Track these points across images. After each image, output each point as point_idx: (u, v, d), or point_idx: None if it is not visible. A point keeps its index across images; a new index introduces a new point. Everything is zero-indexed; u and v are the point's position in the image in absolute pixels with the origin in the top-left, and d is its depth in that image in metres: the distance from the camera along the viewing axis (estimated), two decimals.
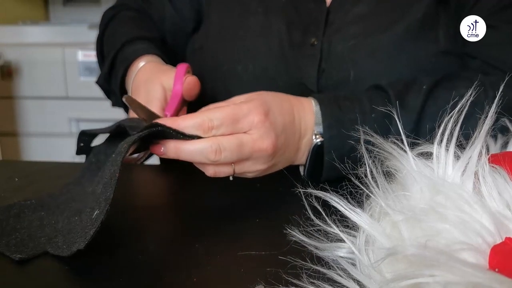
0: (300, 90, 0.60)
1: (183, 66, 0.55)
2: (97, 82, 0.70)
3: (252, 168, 0.47)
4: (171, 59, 0.75)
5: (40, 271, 0.37)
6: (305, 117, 0.51)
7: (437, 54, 0.60)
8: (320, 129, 0.52)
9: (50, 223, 0.43)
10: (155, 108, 0.52)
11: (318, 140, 0.52)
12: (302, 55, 0.63)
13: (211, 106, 0.49)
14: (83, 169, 0.51)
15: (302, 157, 0.53)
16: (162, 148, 0.44)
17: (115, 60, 0.64)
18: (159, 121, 0.44)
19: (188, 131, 0.44)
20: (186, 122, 0.44)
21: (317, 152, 0.52)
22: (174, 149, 0.44)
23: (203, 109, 0.48)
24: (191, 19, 0.74)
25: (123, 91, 0.64)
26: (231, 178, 0.48)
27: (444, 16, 0.61)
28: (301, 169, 0.55)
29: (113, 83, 0.66)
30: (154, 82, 0.54)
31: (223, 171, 0.46)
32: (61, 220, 0.43)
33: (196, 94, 0.55)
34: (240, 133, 0.45)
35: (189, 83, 0.54)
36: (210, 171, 0.46)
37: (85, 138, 0.52)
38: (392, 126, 0.51)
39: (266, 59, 0.64)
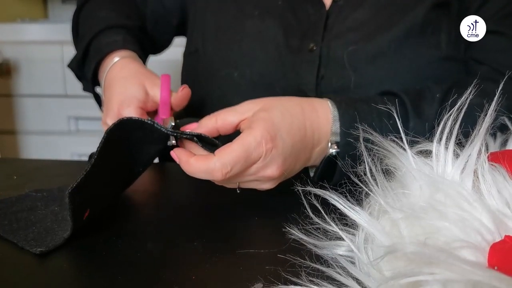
0: (298, 96, 0.59)
1: (167, 76, 0.55)
2: (69, 66, 0.68)
3: (259, 187, 0.48)
4: (149, 47, 0.74)
5: (39, 270, 0.37)
6: (319, 127, 0.50)
7: (438, 60, 0.59)
8: (336, 138, 0.50)
9: (65, 218, 0.44)
10: (132, 106, 0.52)
11: (333, 150, 0.50)
12: (301, 61, 0.61)
13: (223, 112, 0.49)
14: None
15: (314, 163, 0.52)
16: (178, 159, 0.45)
17: (89, 47, 0.64)
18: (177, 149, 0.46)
19: (199, 175, 0.44)
20: (197, 165, 0.43)
21: (330, 158, 0.51)
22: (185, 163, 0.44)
23: (207, 125, 0.48)
24: (173, 11, 0.73)
25: (95, 79, 0.64)
26: (238, 191, 0.48)
27: (446, 21, 0.59)
28: (311, 171, 0.54)
29: (86, 70, 0.65)
30: (134, 82, 0.54)
31: (228, 186, 0.47)
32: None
33: (184, 105, 0.55)
34: (250, 165, 0.44)
35: (184, 94, 0.54)
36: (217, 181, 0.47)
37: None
38: (408, 133, 0.50)
39: (263, 65, 0.63)
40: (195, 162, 0.43)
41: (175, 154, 0.45)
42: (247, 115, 0.47)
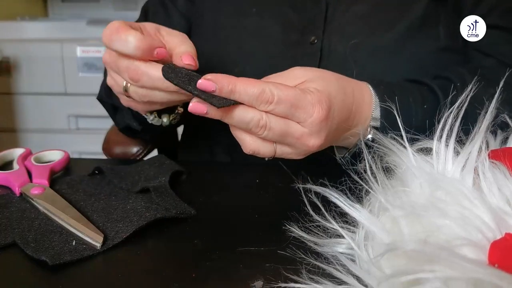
0: None
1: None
2: (98, 98, 0.66)
3: (289, 156, 0.45)
4: None
5: (38, 268, 0.37)
6: (361, 111, 0.48)
7: (437, 51, 0.60)
8: (376, 123, 0.49)
9: (30, 217, 0.44)
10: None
11: (370, 136, 0.49)
12: (302, 54, 0.61)
13: (272, 77, 0.45)
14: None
15: (336, 144, 0.51)
16: (207, 109, 0.40)
17: None
18: (209, 76, 0.39)
19: (242, 97, 0.39)
20: (245, 87, 0.39)
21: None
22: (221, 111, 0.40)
23: (265, 78, 0.44)
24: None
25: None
26: (266, 159, 0.45)
27: (444, 14, 0.60)
28: (337, 152, 0.53)
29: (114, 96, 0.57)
30: None
31: (264, 151, 0.43)
32: (40, 217, 0.44)
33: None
34: (293, 120, 0.41)
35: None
36: (251, 147, 0.42)
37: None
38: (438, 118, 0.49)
39: (263, 61, 0.62)
40: (242, 83, 0.39)
41: (210, 76, 0.39)
42: (299, 81, 0.44)
